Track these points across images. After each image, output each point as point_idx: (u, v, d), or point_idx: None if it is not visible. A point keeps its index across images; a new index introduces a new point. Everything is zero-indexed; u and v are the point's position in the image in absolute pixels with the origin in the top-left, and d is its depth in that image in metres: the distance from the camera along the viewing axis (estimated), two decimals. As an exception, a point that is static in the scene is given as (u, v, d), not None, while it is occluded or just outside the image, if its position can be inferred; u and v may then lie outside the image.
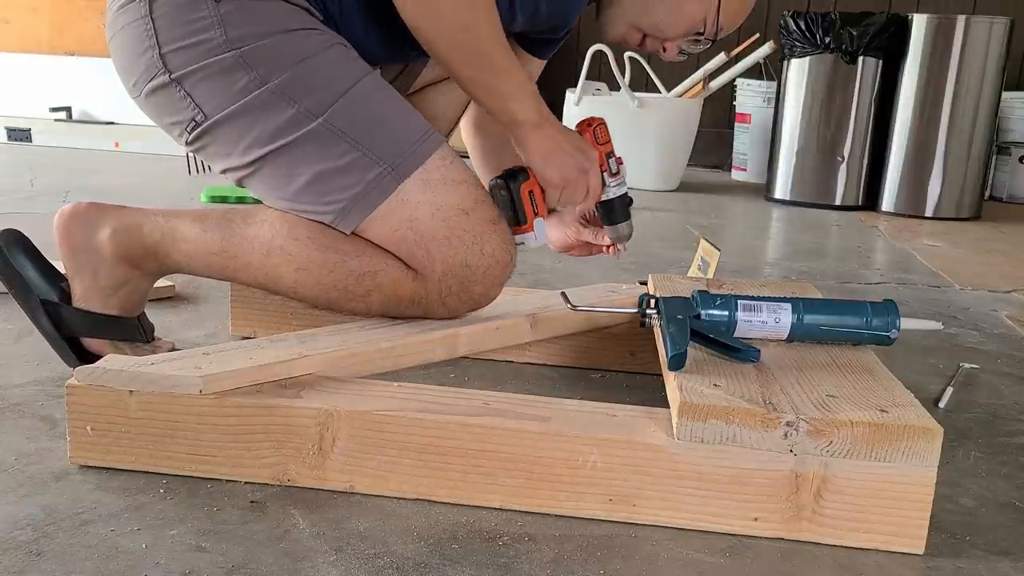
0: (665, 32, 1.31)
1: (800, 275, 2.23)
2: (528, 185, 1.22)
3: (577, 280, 1.90)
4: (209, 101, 1.16)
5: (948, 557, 0.93)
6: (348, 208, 1.15)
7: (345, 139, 1.14)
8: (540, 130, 1.20)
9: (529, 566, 0.87)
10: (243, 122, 1.16)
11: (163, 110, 1.21)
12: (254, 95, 1.14)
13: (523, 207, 1.22)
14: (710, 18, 1.29)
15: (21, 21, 4.58)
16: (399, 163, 1.14)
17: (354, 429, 0.97)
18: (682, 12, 1.29)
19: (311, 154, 1.15)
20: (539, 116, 1.20)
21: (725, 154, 4.14)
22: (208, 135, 1.18)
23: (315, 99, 1.14)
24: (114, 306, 1.25)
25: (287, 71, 1.14)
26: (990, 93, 3.23)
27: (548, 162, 1.21)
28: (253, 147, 1.16)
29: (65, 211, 1.25)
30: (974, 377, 1.51)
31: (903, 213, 3.31)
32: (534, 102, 1.20)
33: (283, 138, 1.14)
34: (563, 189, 1.23)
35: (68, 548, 0.86)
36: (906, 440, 0.90)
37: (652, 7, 1.29)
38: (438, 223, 1.15)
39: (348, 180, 1.14)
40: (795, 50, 3.36)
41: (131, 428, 1.00)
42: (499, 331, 1.28)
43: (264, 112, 1.15)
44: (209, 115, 1.17)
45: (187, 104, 1.17)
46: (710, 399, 0.93)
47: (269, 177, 1.18)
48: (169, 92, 1.18)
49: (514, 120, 1.20)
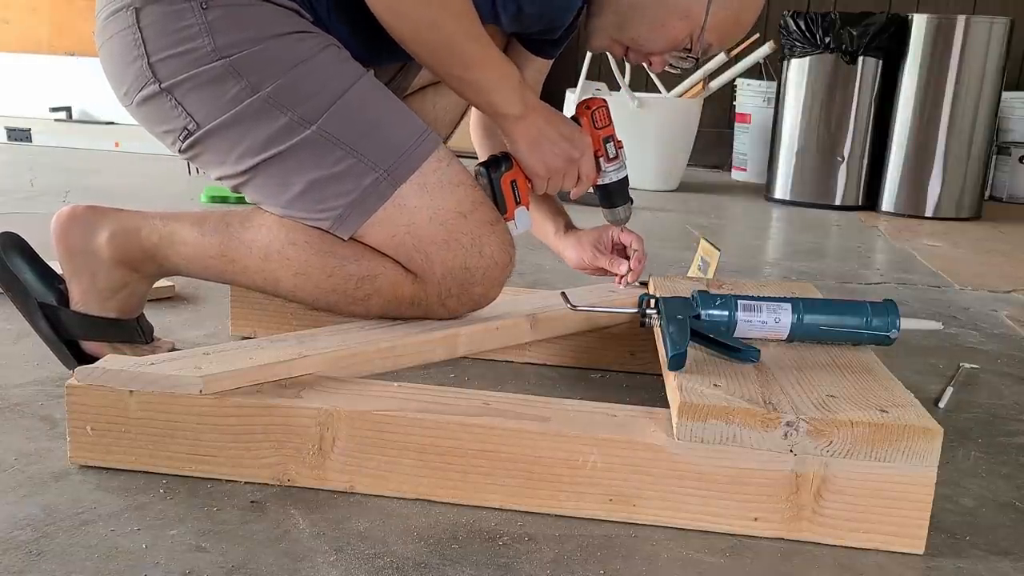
0: (646, 47, 1.28)
1: (800, 275, 2.23)
2: (511, 174, 1.23)
3: (577, 280, 1.90)
4: (200, 110, 1.15)
5: (948, 557, 0.93)
6: (345, 215, 1.14)
7: (340, 145, 1.13)
8: (523, 120, 1.20)
9: (529, 566, 0.87)
10: (235, 131, 1.14)
11: (155, 119, 1.20)
12: (245, 104, 1.13)
13: (503, 197, 1.23)
14: (695, 35, 1.25)
15: (21, 21, 4.58)
16: (395, 168, 1.14)
17: (354, 429, 0.97)
18: (664, 28, 1.25)
19: (305, 162, 1.14)
20: (523, 107, 1.20)
21: (725, 154, 4.14)
22: (200, 144, 1.17)
23: (308, 106, 1.13)
24: (112, 309, 1.24)
25: (279, 78, 1.13)
26: (990, 93, 3.23)
27: (532, 153, 1.22)
28: (246, 156, 1.15)
29: (63, 214, 1.25)
30: (974, 377, 1.51)
31: (903, 213, 3.31)
32: (516, 93, 1.19)
33: (276, 147, 1.13)
34: (549, 179, 1.24)
35: (68, 548, 0.86)
36: (906, 440, 0.90)
37: (631, 22, 1.25)
38: (436, 227, 1.15)
39: (344, 187, 1.14)
40: (795, 50, 3.36)
41: (131, 428, 1.00)
42: (499, 331, 1.28)
43: (256, 121, 1.13)
44: (201, 124, 1.15)
45: (178, 113, 1.16)
46: (710, 399, 0.93)
47: (263, 186, 1.17)
48: (160, 101, 1.17)
49: (497, 112, 1.20)
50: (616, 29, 1.27)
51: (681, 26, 1.24)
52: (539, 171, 1.23)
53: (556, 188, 1.26)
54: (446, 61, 1.16)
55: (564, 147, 1.23)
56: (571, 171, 1.25)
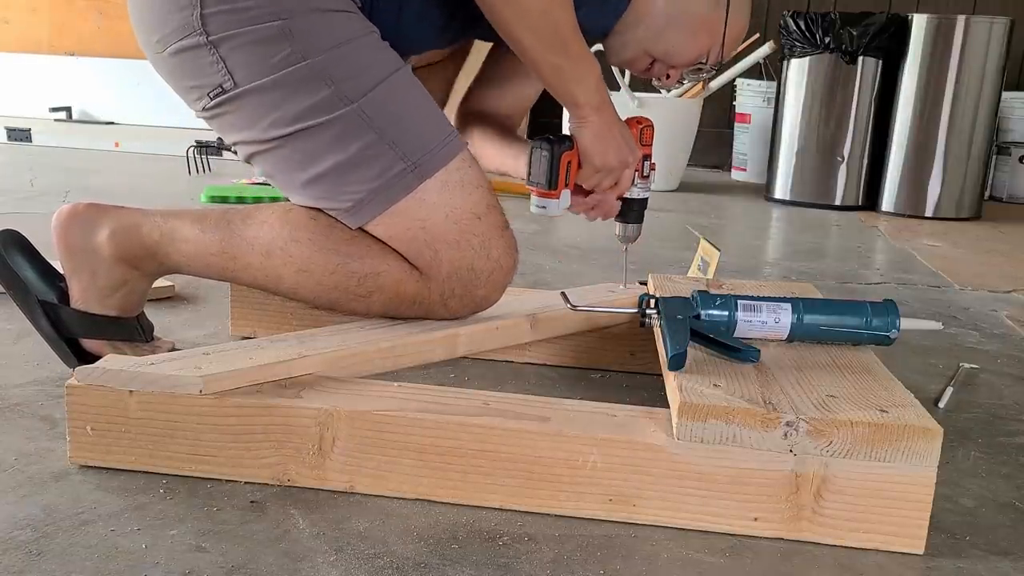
0: (675, 59, 1.36)
1: (800, 275, 2.23)
2: (569, 155, 1.26)
3: (577, 280, 1.90)
4: (242, 69, 1.13)
5: (948, 557, 0.93)
6: (366, 201, 1.14)
7: (373, 129, 1.13)
8: (600, 113, 1.24)
9: (529, 566, 0.87)
10: (273, 96, 1.13)
11: (186, 71, 1.17)
12: (292, 69, 1.11)
13: (558, 171, 1.25)
14: (715, 49, 1.35)
15: (21, 21, 4.58)
16: (423, 162, 1.14)
17: (354, 429, 0.97)
18: (694, 41, 1.34)
19: (337, 140, 1.13)
20: (600, 100, 1.24)
21: (725, 154, 4.14)
22: (231, 104, 1.15)
23: (352, 84, 1.12)
24: (112, 307, 1.24)
25: (328, 50, 1.12)
26: (990, 93, 3.23)
27: (596, 144, 1.25)
28: (278, 124, 1.13)
29: (64, 211, 1.25)
30: (974, 377, 1.51)
31: (903, 213, 3.31)
32: (598, 87, 1.24)
33: (312, 119, 1.12)
34: (598, 172, 1.27)
35: (68, 548, 0.86)
36: (906, 440, 0.90)
37: (667, 33, 1.32)
38: (450, 225, 1.15)
39: (370, 172, 1.13)
40: (795, 50, 3.36)
41: (131, 428, 1.00)
42: (499, 331, 1.28)
43: (298, 89, 1.12)
44: (239, 83, 1.13)
45: (217, 69, 1.14)
46: (710, 399, 0.93)
47: (287, 158, 1.16)
48: (198, 54, 1.14)
49: (576, 101, 1.23)
50: (650, 41, 1.34)
51: (706, 41, 1.34)
52: (596, 162, 1.26)
53: (597, 183, 1.29)
54: (548, 47, 1.19)
55: (624, 150, 1.28)
56: (618, 174, 1.29)
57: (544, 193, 1.26)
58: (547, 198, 1.27)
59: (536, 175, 1.26)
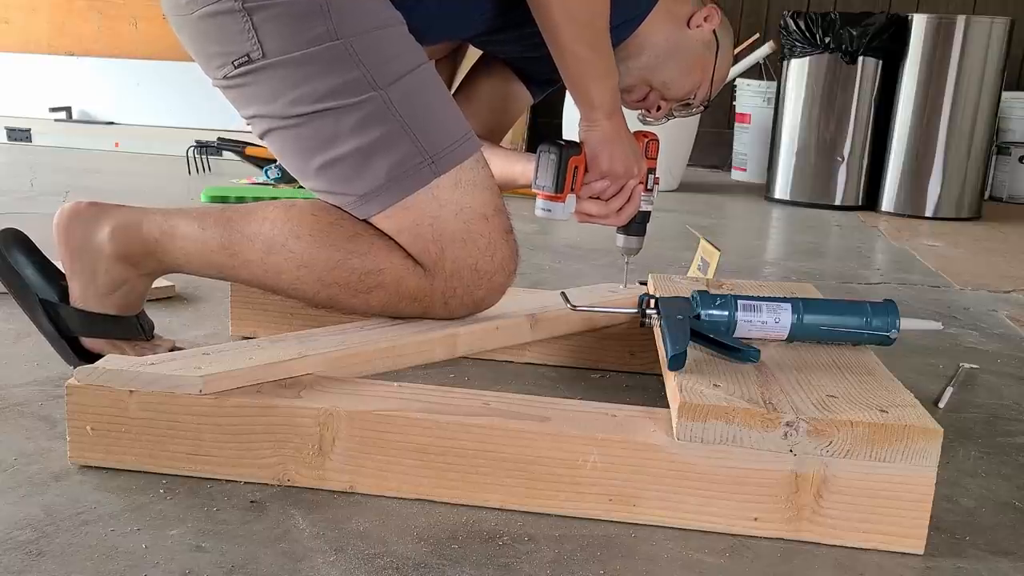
0: (670, 91, 1.41)
1: (800, 275, 2.23)
2: (577, 160, 1.27)
3: (577, 280, 1.90)
4: (273, 40, 1.11)
5: (948, 557, 0.93)
6: (381, 189, 1.14)
7: (397, 118, 1.13)
8: (612, 119, 1.25)
9: (529, 566, 0.87)
10: (301, 72, 1.12)
11: (212, 36, 1.16)
12: (325, 46, 1.10)
13: (565, 175, 1.26)
14: (703, 88, 1.43)
15: (21, 21, 4.58)
16: (440, 157, 1.14)
17: (354, 429, 0.97)
18: (690, 76, 1.41)
19: (360, 125, 1.12)
20: (613, 107, 1.25)
21: (725, 154, 4.14)
22: (255, 75, 1.14)
23: (383, 70, 1.12)
24: (112, 305, 1.24)
25: (363, 33, 1.12)
26: (990, 93, 3.23)
27: (604, 149, 1.26)
28: (302, 101, 1.12)
29: (65, 210, 1.24)
30: (974, 377, 1.51)
31: (903, 213, 3.32)
32: (614, 92, 1.25)
33: (337, 100, 1.11)
34: (604, 178, 1.29)
35: (68, 548, 0.86)
36: (906, 440, 0.90)
37: (666, 65, 1.38)
38: (460, 224, 1.16)
39: (388, 161, 1.13)
40: (795, 50, 3.36)
41: (131, 428, 1.00)
42: (499, 331, 1.28)
43: (328, 67, 1.11)
44: (267, 54, 1.12)
45: (247, 37, 1.12)
46: (710, 399, 0.93)
47: (306, 138, 1.15)
48: (230, 19, 1.12)
49: (591, 102, 1.24)
50: (650, 71, 1.39)
51: (698, 78, 1.41)
52: (603, 167, 1.27)
53: (600, 191, 1.30)
54: (579, 35, 1.20)
55: (631, 159, 1.29)
56: (623, 182, 1.30)
57: (550, 196, 1.27)
58: (553, 201, 1.27)
59: (543, 178, 1.26)
